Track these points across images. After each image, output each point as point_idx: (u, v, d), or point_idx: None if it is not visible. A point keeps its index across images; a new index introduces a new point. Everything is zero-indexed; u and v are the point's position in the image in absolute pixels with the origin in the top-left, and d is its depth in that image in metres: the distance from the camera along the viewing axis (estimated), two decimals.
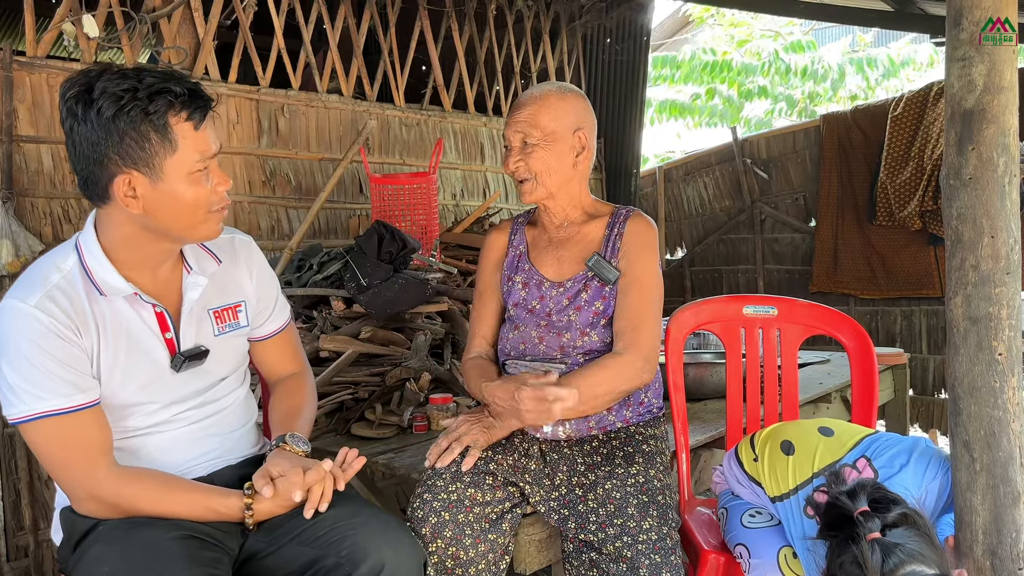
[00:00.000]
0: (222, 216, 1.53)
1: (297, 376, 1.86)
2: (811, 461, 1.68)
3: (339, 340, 2.75)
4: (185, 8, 3.68)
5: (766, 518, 1.76)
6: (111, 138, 1.37)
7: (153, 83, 1.38)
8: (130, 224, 1.46)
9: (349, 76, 4.40)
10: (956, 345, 1.47)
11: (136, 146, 1.38)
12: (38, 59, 3.23)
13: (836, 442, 1.70)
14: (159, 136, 1.39)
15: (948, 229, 1.47)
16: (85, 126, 1.37)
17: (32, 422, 1.39)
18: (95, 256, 1.47)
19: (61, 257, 1.48)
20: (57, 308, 1.41)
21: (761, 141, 5.83)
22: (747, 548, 1.69)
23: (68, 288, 1.44)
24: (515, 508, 1.75)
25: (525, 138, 1.86)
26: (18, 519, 3.06)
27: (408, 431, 2.42)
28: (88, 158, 1.39)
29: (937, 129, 4.62)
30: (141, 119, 1.37)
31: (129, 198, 1.41)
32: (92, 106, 1.36)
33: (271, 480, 1.51)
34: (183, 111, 1.40)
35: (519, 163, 1.87)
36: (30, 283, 1.43)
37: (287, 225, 4.05)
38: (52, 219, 3.22)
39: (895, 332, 5.14)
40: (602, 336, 1.85)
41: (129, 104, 1.36)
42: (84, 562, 1.40)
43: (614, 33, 5.81)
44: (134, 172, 1.39)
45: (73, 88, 1.38)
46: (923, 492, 1.57)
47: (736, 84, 9.96)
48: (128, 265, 1.50)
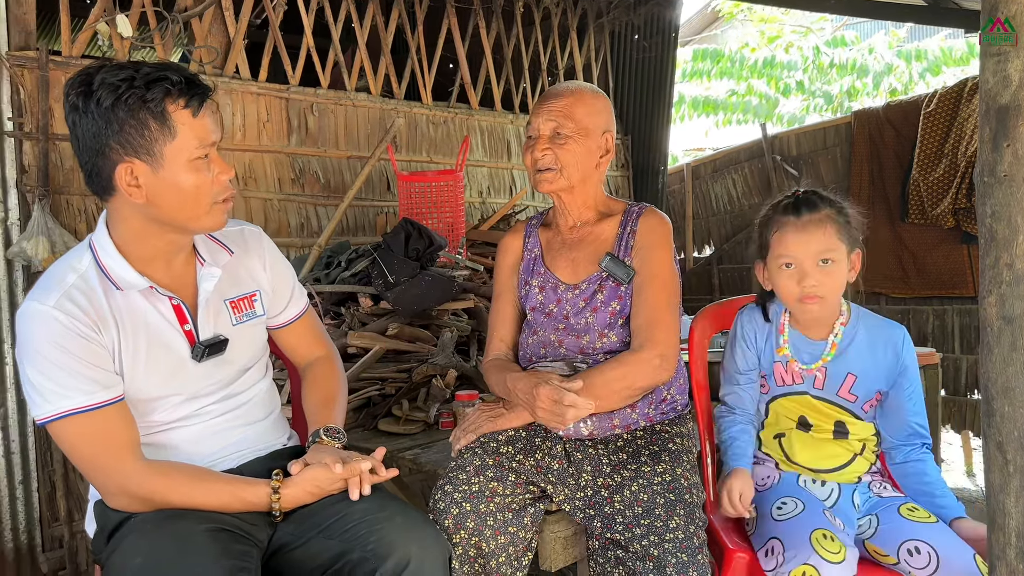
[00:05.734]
0: (227, 207, 1.55)
1: (325, 360, 1.88)
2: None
3: (367, 336, 2.76)
4: (216, 7, 3.72)
5: (793, 506, 1.75)
6: (111, 127, 1.39)
7: (150, 72, 1.41)
8: (137, 217, 1.48)
9: (377, 74, 4.43)
10: (989, 345, 1.44)
11: (136, 133, 1.40)
12: (73, 59, 3.29)
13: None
14: (158, 123, 1.41)
15: (982, 227, 1.45)
16: (86, 118, 1.40)
17: (58, 421, 1.42)
18: (108, 253, 1.50)
19: (76, 257, 1.51)
20: (76, 307, 1.43)
21: (791, 138, 5.77)
22: (780, 541, 1.66)
23: (85, 287, 1.47)
24: (537, 503, 1.75)
25: (558, 128, 1.84)
26: (53, 511, 3.12)
27: (434, 427, 2.43)
28: (91, 149, 1.42)
29: (971, 125, 4.54)
30: (139, 107, 1.39)
31: (132, 187, 1.43)
32: (91, 97, 1.39)
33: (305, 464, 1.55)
34: (180, 98, 1.43)
35: (547, 151, 1.85)
36: (48, 285, 1.46)
37: (316, 222, 4.09)
38: (86, 216, 3.27)
39: (927, 331, 5.06)
40: (621, 336, 1.85)
41: (127, 92, 1.38)
42: (117, 553, 1.42)
43: (642, 29, 5.78)
44: (135, 160, 1.42)
45: (74, 84, 1.42)
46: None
47: (774, 80, 9.85)
48: (141, 260, 1.52)
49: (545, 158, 1.85)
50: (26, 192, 3.09)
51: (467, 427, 1.84)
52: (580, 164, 1.85)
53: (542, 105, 1.87)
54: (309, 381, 1.85)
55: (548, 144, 1.85)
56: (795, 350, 1.90)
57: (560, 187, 1.88)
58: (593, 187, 1.93)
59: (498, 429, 1.82)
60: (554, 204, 1.99)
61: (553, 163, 1.85)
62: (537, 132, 1.87)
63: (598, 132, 1.86)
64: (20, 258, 2.96)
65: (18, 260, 2.99)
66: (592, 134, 1.85)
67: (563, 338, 1.87)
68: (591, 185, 1.91)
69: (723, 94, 10.07)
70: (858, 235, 1.85)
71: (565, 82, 1.92)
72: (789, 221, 1.82)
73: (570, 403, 1.61)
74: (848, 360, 1.86)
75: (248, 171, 3.86)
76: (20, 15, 3.12)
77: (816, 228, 1.79)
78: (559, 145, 1.84)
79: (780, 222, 1.84)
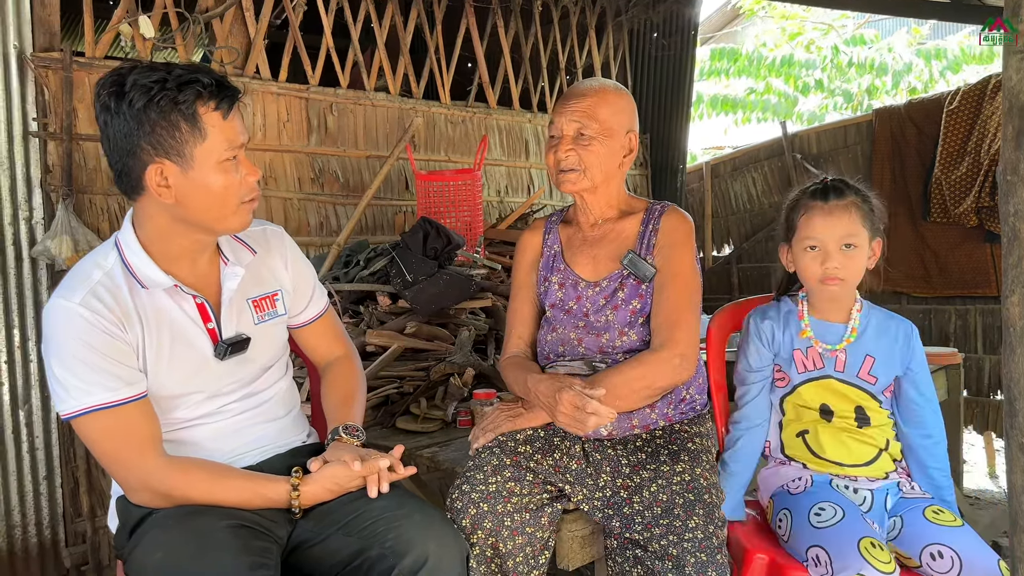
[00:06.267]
0: (252, 207, 1.56)
1: (345, 359, 1.89)
2: None
3: (385, 335, 2.78)
4: (237, 8, 3.75)
5: (832, 512, 1.72)
6: (143, 128, 1.41)
7: (182, 75, 1.42)
8: (164, 216, 1.50)
9: (396, 74, 4.44)
10: (1012, 345, 1.43)
11: (167, 135, 1.41)
12: (96, 60, 3.33)
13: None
14: (188, 125, 1.42)
15: (1005, 226, 1.43)
16: (118, 119, 1.41)
17: (82, 416, 1.44)
18: (134, 251, 1.51)
19: (102, 255, 1.53)
20: (101, 304, 1.45)
21: (811, 136, 5.72)
22: (826, 551, 1.63)
23: (111, 284, 1.48)
24: (555, 502, 1.75)
25: (581, 129, 1.82)
26: (76, 506, 3.16)
27: (452, 425, 2.44)
28: (122, 149, 1.43)
29: (994, 124, 4.48)
30: (171, 108, 1.41)
31: (162, 187, 1.44)
32: (124, 98, 1.40)
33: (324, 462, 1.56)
34: (211, 100, 1.44)
35: (570, 152, 1.83)
36: (74, 282, 1.47)
37: (335, 221, 4.11)
38: (109, 215, 3.31)
39: (949, 331, 5.01)
40: (641, 335, 1.84)
41: (159, 94, 1.40)
42: (139, 548, 1.44)
43: (661, 27, 5.76)
44: (165, 161, 1.43)
45: (106, 84, 1.43)
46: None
47: (793, 78, 9.78)
48: (166, 258, 1.54)
49: (569, 159, 1.83)
50: (50, 191, 3.13)
51: (485, 426, 1.84)
52: (604, 165, 1.84)
53: (565, 105, 1.85)
54: (328, 380, 1.86)
55: (572, 145, 1.83)
56: (817, 333, 1.94)
57: (583, 188, 1.86)
58: (616, 186, 1.92)
59: (517, 428, 1.82)
60: (575, 202, 1.98)
61: (577, 164, 1.83)
62: (560, 132, 1.85)
63: (622, 132, 1.85)
64: (44, 256, 3.00)
65: (42, 258, 3.03)
66: (616, 134, 1.84)
67: (582, 336, 1.87)
68: (614, 184, 1.91)
69: (742, 92, 10.02)
70: (880, 224, 1.93)
71: (588, 80, 1.90)
72: (816, 205, 1.89)
73: (592, 410, 1.59)
74: (866, 343, 1.91)
75: (268, 171, 3.89)
76: (44, 17, 3.16)
77: (842, 213, 1.86)
78: (583, 146, 1.82)
79: (808, 206, 1.90)
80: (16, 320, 3.05)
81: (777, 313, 2.01)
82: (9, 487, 3.05)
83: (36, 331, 3.08)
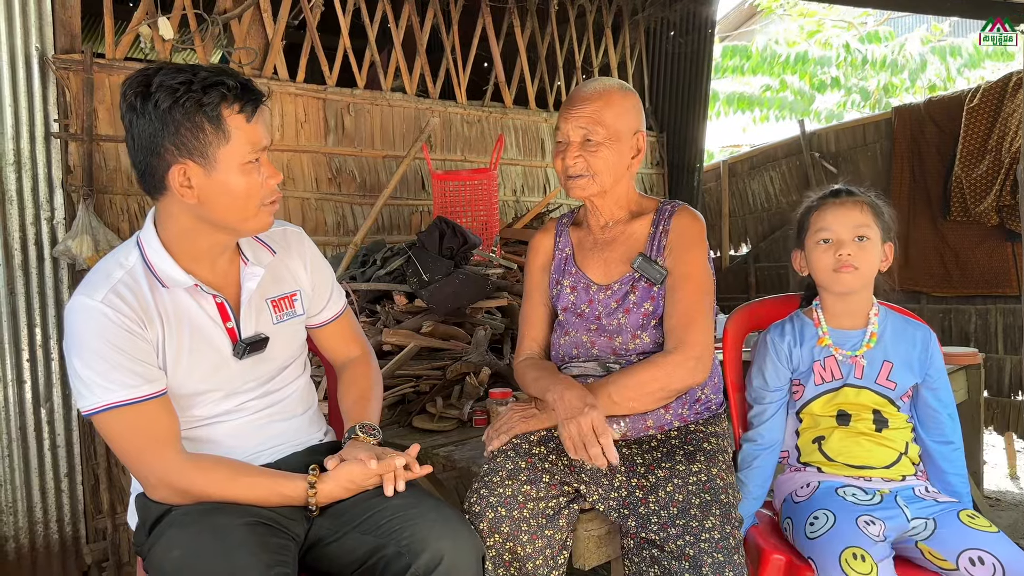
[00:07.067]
0: (274, 209, 1.57)
1: (361, 359, 1.91)
2: None
3: (401, 334, 2.79)
4: (255, 9, 3.78)
5: (824, 520, 1.73)
6: (167, 129, 1.42)
7: (207, 77, 1.43)
8: (186, 216, 1.51)
9: (412, 74, 4.45)
10: None
11: (191, 136, 1.43)
12: (116, 61, 3.36)
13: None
14: (213, 127, 1.43)
15: None
16: (143, 119, 1.43)
17: (102, 413, 1.45)
18: (155, 250, 1.53)
19: (124, 254, 1.55)
20: (122, 302, 1.46)
21: (830, 134, 5.68)
22: (814, 562, 1.67)
23: (132, 283, 1.50)
24: (572, 503, 1.74)
25: (588, 135, 1.80)
26: (97, 503, 3.20)
27: (468, 424, 2.45)
28: (146, 149, 1.45)
29: (1016, 121, 4.43)
30: (196, 110, 1.42)
31: (185, 188, 1.46)
32: (150, 99, 1.41)
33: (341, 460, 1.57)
34: (236, 103, 1.45)
35: (578, 159, 1.81)
36: (96, 280, 1.49)
37: (352, 221, 4.13)
38: (129, 215, 3.34)
39: (969, 331, 4.96)
40: (654, 337, 1.82)
41: (184, 96, 1.41)
42: (158, 545, 1.45)
43: (678, 25, 5.73)
44: (189, 162, 1.44)
45: (132, 84, 1.44)
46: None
47: (808, 76, 9.71)
48: (187, 258, 1.55)
49: (576, 165, 1.81)
50: (71, 192, 3.16)
51: (500, 427, 1.83)
52: (612, 169, 1.82)
53: (570, 110, 1.83)
54: (345, 379, 1.87)
55: (579, 151, 1.81)
56: (835, 341, 1.94)
57: (592, 193, 1.85)
58: (625, 187, 1.91)
59: (531, 429, 1.82)
60: (585, 204, 1.97)
61: (585, 170, 1.81)
62: (567, 139, 1.83)
63: (629, 133, 1.84)
64: (65, 256, 3.03)
65: (63, 258, 3.07)
66: (623, 137, 1.82)
67: (595, 339, 1.86)
68: (623, 185, 1.89)
69: (758, 90, 9.95)
70: (891, 228, 1.93)
71: (591, 82, 1.86)
72: (828, 202, 1.93)
73: (605, 443, 1.56)
74: (884, 348, 1.91)
75: (286, 171, 3.91)
76: (65, 19, 3.19)
77: (854, 206, 1.90)
78: (590, 152, 1.80)
79: (820, 204, 1.95)
80: (38, 319, 3.08)
81: (794, 329, 1.99)
82: (31, 484, 3.09)
83: (58, 330, 3.12)
